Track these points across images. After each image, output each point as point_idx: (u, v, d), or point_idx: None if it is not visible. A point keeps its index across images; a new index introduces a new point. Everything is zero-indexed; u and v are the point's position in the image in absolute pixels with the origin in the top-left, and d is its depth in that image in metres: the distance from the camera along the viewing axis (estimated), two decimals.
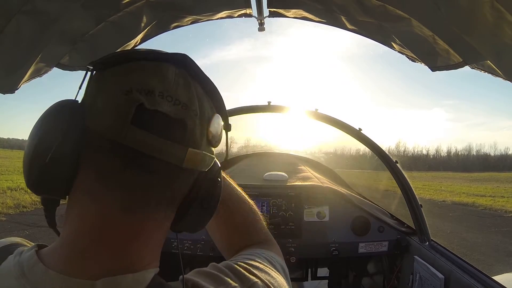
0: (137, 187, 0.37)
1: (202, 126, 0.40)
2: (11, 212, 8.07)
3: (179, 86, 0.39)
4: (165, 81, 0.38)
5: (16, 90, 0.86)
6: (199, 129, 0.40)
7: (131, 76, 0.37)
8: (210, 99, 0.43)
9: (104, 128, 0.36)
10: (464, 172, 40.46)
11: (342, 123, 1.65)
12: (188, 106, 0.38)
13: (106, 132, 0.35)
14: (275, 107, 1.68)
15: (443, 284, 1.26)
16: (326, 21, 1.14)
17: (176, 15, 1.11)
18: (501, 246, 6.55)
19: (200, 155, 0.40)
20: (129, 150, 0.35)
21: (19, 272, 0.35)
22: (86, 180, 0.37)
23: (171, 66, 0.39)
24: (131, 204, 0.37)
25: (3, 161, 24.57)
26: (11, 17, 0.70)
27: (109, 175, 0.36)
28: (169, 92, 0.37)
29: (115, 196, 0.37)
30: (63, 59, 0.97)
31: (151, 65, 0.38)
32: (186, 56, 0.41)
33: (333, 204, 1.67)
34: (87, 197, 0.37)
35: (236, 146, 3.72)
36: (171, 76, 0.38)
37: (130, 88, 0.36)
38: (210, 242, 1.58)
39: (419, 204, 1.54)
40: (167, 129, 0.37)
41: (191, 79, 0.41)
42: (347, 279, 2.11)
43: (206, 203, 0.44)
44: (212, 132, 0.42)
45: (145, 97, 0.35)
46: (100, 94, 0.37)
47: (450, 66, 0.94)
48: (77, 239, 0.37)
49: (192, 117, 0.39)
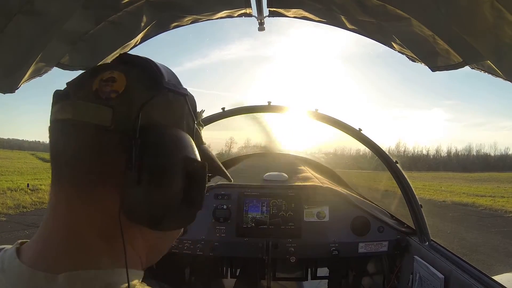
0: (62, 158, 0.40)
1: (81, 83, 0.42)
2: (11, 212, 8.08)
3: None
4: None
5: (16, 90, 0.86)
6: (76, 86, 0.42)
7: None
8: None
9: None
10: (464, 172, 40.48)
11: (342, 123, 1.65)
12: (78, 78, 0.43)
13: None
14: (275, 107, 1.68)
15: (443, 284, 1.26)
16: (326, 21, 1.14)
17: (176, 15, 1.11)
18: (501, 246, 6.55)
19: (72, 103, 0.40)
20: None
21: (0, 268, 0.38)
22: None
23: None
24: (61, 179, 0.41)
25: (3, 162, 24.57)
26: (11, 17, 0.70)
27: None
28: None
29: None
30: (63, 59, 0.97)
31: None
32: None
33: (333, 204, 1.67)
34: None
35: (236, 146, 3.72)
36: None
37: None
38: (210, 242, 1.58)
39: (419, 204, 1.54)
40: (60, 98, 0.42)
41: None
42: (347, 279, 2.10)
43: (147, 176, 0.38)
44: (97, 84, 0.40)
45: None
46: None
47: (450, 66, 0.94)
48: (48, 232, 0.40)
49: (73, 81, 0.43)
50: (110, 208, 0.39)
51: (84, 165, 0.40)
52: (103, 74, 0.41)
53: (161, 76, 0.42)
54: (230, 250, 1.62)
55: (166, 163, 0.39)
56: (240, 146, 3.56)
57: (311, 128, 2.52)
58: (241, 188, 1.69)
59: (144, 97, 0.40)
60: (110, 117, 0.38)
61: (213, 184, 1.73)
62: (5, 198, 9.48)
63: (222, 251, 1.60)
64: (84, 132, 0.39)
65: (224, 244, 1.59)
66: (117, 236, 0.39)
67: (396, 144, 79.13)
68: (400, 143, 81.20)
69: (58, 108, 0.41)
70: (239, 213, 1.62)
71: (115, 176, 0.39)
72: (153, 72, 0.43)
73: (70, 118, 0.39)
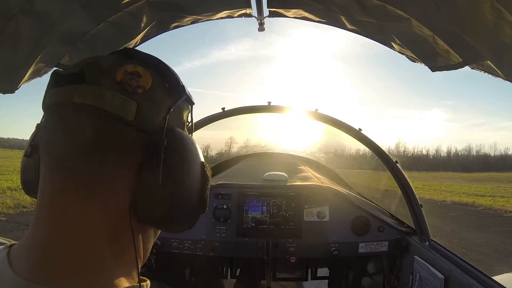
0: (65, 148, 0.37)
1: (103, 70, 0.39)
2: (11, 212, 8.07)
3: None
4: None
5: (16, 90, 0.86)
6: (96, 73, 0.38)
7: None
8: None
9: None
10: (464, 172, 40.50)
11: (342, 123, 1.65)
12: (91, 61, 0.40)
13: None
14: (275, 107, 1.67)
15: (443, 284, 1.26)
16: (326, 21, 1.14)
17: (176, 15, 1.11)
18: (501, 246, 6.55)
19: (95, 90, 0.37)
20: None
21: None
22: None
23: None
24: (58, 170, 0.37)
25: (3, 161, 24.57)
26: (11, 17, 0.70)
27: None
28: (89, 59, 0.40)
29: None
30: (63, 59, 0.97)
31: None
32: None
33: (333, 204, 1.67)
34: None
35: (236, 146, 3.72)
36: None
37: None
38: (210, 242, 1.58)
39: (419, 204, 1.54)
40: (67, 80, 0.38)
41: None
42: (347, 279, 2.11)
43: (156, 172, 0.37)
44: (122, 76, 0.38)
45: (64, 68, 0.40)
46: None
47: (450, 66, 0.94)
48: (42, 236, 0.36)
49: (90, 66, 0.39)
50: (116, 207, 0.37)
51: (93, 158, 0.36)
52: (126, 66, 0.39)
53: (180, 81, 0.44)
54: (230, 250, 1.62)
55: (188, 165, 0.40)
56: (240, 146, 3.56)
57: (311, 128, 2.53)
58: (241, 188, 1.69)
59: (168, 99, 0.41)
60: (134, 112, 0.37)
61: (213, 183, 1.73)
62: (5, 197, 9.47)
63: (222, 251, 1.60)
64: (102, 121, 0.36)
65: (224, 244, 1.59)
66: (122, 239, 0.38)
67: (396, 144, 79.30)
68: (400, 143, 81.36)
69: (70, 90, 0.37)
70: (239, 213, 1.62)
71: (124, 175, 0.38)
72: (173, 75, 0.44)
73: (90, 104, 0.36)
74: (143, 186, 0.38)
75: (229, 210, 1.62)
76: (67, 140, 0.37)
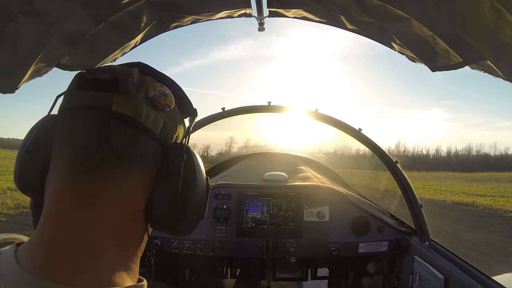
0: (92, 150, 0.38)
1: (136, 84, 0.42)
2: (11, 212, 8.07)
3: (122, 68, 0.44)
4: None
5: (16, 90, 0.86)
6: (132, 85, 0.41)
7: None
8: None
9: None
10: (464, 172, 40.50)
11: (342, 123, 1.65)
12: (121, 72, 0.42)
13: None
14: (275, 107, 1.67)
15: (443, 284, 1.26)
16: (326, 21, 1.14)
17: (176, 15, 1.11)
18: (501, 246, 6.55)
19: (133, 102, 0.40)
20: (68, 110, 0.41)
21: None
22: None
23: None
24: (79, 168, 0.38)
25: (3, 161, 24.56)
26: (11, 17, 0.70)
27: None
28: (110, 67, 0.42)
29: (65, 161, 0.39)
30: (63, 59, 0.97)
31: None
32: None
33: (333, 204, 1.67)
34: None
35: (236, 146, 3.72)
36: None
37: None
38: (210, 242, 1.58)
39: (419, 204, 1.54)
40: (99, 86, 0.40)
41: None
42: (347, 279, 2.11)
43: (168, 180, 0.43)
44: (152, 92, 0.42)
45: (88, 71, 0.42)
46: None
47: (450, 66, 0.94)
48: (51, 234, 0.36)
49: (125, 77, 0.41)
50: (130, 211, 0.40)
51: (118, 165, 0.39)
52: (154, 84, 0.43)
53: (191, 103, 0.50)
54: (230, 250, 1.62)
55: (201, 177, 0.47)
56: (240, 146, 3.56)
57: (311, 128, 2.53)
58: (241, 188, 1.69)
59: (182, 119, 0.49)
60: (161, 127, 0.42)
61: (213, 184, 1.73)
62: (5, 198, 9.47)
63: (222, 251, 1.60)
64: (132, 132, 0.40)
65: (224, 244, 1.59)
66: (128, 240, 0.40)
67: (396, 144, 79.32)
68: (400, 143, 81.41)
69: (107, 97, 0.39)
70: (239, 213, 1.62)
71: (142, 182, 0.41)
72: (186, 97, 0.50)
73: (129, 115, 0.39)
74: (161, 193, 0.42)
75: (229, 210, 1.62)
76: (94, 144, 0.38)
